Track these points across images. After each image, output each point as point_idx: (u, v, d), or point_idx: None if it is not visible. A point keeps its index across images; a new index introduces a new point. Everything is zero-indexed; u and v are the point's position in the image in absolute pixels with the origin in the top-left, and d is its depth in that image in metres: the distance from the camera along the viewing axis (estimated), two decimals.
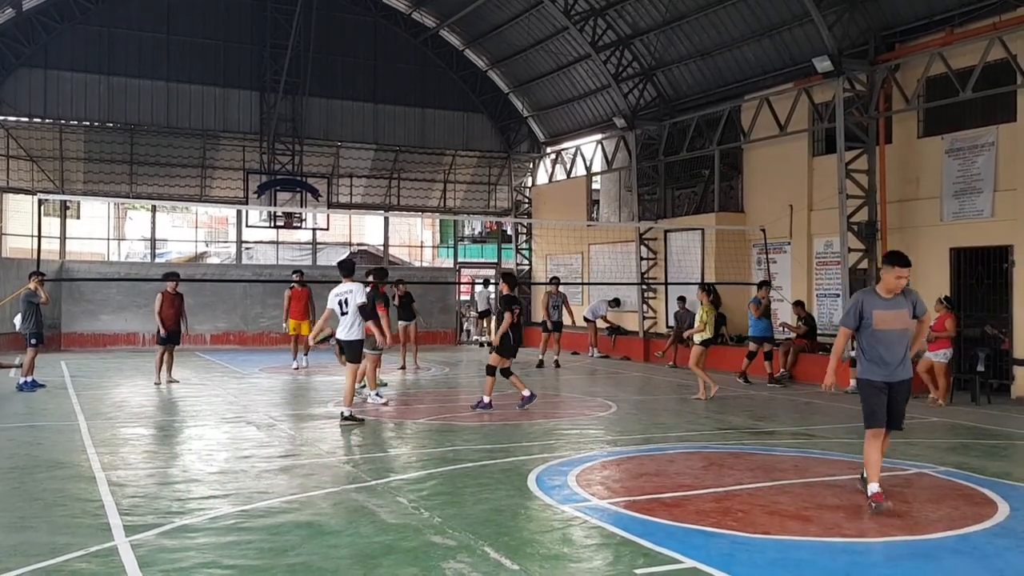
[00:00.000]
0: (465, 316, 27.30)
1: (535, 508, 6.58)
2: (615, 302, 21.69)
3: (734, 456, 8.69)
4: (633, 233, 21.56)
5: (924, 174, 15.25)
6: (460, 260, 30.19)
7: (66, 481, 7.35)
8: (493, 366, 11.89)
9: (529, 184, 27.63)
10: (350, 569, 5.08)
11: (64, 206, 23.96)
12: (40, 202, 17.77)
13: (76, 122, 22.54)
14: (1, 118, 21.72)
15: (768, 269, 17.85)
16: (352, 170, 25.43)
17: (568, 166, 25.53)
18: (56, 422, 10.65)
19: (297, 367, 17.26)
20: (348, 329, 10.79)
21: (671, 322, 19.61)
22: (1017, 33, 13.43)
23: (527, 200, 27.58)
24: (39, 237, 16.16)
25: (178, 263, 27.73)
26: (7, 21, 21.29)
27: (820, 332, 16.73)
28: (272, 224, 24.30)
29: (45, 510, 6.37)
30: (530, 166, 27.59)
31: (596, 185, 25.08)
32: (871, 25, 15.73)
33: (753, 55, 18.66)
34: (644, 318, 21.37)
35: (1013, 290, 13.79)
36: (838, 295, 16.51)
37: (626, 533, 5.80)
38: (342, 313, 10.78)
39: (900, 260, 6.47)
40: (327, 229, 26.78)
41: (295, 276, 17.94)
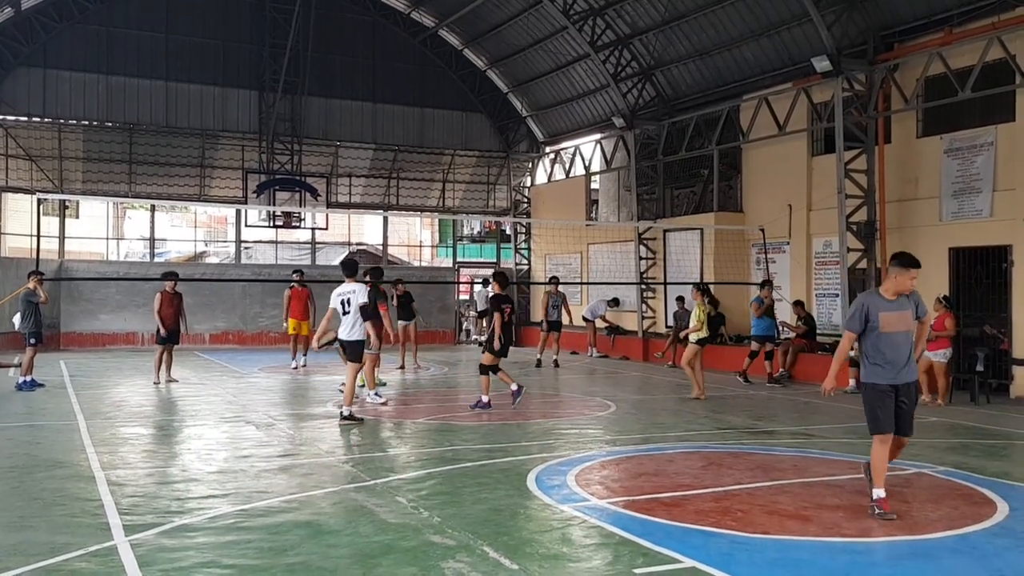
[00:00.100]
0: (464, 316, 27.29)
1: (534, 508, 6.58)
2: (614, 302, 21.69)
3: (733, 456, 8.70)
4: (632, 233, 21.57)
5: (923, 174, 15.26)
6: (459, 260, 30.18)
7: (65, 480, 7.35)
8: (487, 365, 11.92)
9: (528, 184, 27.62)
10: (349, 568, 5.08)
11: (63, 205, 23.96)
12: (39, 201, 17.74)
13: (75, 121, 22.54)
14: (0, 117, 21.72)
15: (767, 269, 17.84)
16: (351, 170, 25.43)
17: (567, 166, 25.52)
18: (55, 421, 10.65)
19: (296, 367, 17.26)
20: (350, 329, 10.80)
21: (670, 322, 19.61)
22: (1016, 33, 13.44)
23: (526, 200, 27.57)
24: (38, 236, 16.17)
25: (177, 263, 27.71)
26: (6, 20, 21.27)
27: (820, 332, 16.76)
28: (271, 224, 24.30)
29: (44, 509, 6.37)
30: (529, 166, 27.58)
31: (595, 185, 25.08)
32: (870, 25, 15.73)
33: (752, 55, 18.66)
34: (643, 318, 21.38)
35: (1012, 290, 13.80)
36: (837, 295, 16.51)
37: (625, 533, 5.80)
38: (344, 313, 10.79)
39: (914, 262, 6.43)
40: (326, 229, 26.82)
41: (295, 276, 17.95)
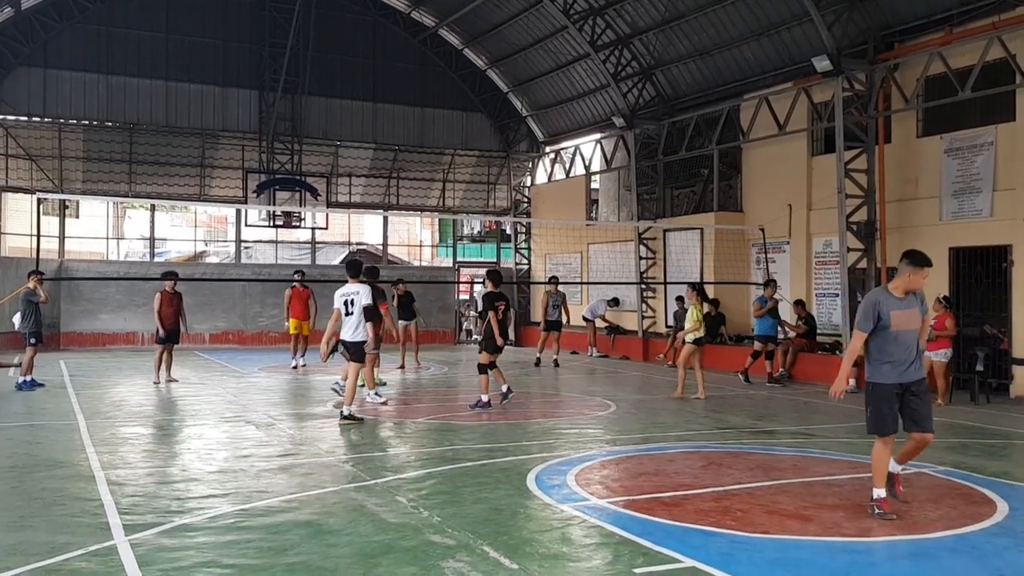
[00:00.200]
0: (464, 316, 27.29)
1: (534, 507, 6.58)
2: (614, 301, 21.69)
3: (733, 455, 8.70)
4: (632, 232, 21.56)
5: (923, 174, 15.25)
6: (459, 259, 30.17)
7: (65, 480, 7.34)
8: (485, 364, 11.93)
9: (528, 183, 27.62)
10: (349, 568, 5.08)
11: (63, 205, 23.96)
12: (39, 201, 17.75)
13: (75, 121, 22.54)
14: (0, 117, 21.71)
15: (767, 269, 17.84)
16: (351, 169, 25.43)
17: (567, 165, 25.52)
18: (55, 421, 10.64)
19: (296, 366, 17.26)
20: (353, 330, 10.82)
21: (670, 322, 19.61)
22: (1016, 33, 13.44)
23: (526, 199, 27.57)
24: (38, 236, 16.16)
25: (177, 262, 27.71)
26: (6, 20, 21.27)
27: (820, 332, 16.75)
28: (271, 223, 24.30)
29: (44, 509, 6.37)
30: (529, 165, 27.57)
31: (595, 184, 25.07)
32: (870, 24, 15.73)
33: (752, 54, 18.66)
34: (643, 318, 21.38)
35: (1012, 290, 13.80)
36: (837, 295, 16.51)
37: (625, 532, 5.80)
38: (347, 314, 10.81)
39: (927, 260, 6.39)
40: (326, 228, 26.82)
41: (297, 276, 17.95)
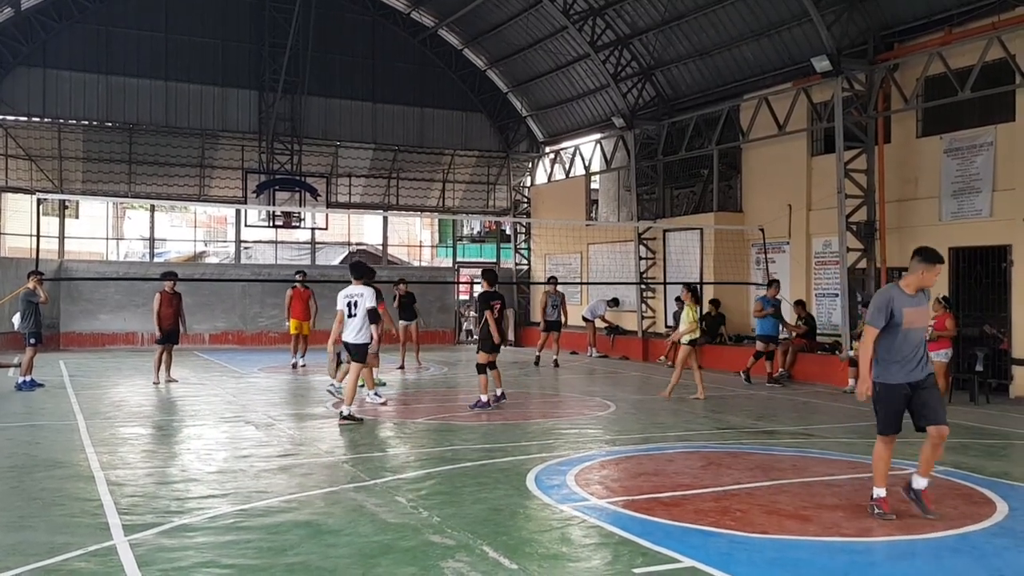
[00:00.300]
0: (464, 316, 27.29)
1: (534, 507, 6.58)
2: (614, 302, 21.68)
3: (733, 456, 8.70)
4: (632, 233, 21.56)
5: (923, 174, 15.25)
6: (459, 260, 30.18)
7: (65, 480, 7.34)
8: (483, 364, 11.93)
9: (528, 184, 27.62)
10: (349, 568, 5.08)
11: (63, 205, 23.96)
12: (39, 201, 17.72)
13: (75, 121, 22.53)
14: (0, 117, 21.70)
15: (767, 269, 17.85)
16: (351, 169, 25.43)
17: (567, 166, 25.52)
18: (55, 421, 10.64)
19: (296, 365, 17.26)
20: (356, 332, 10.84)
21: (670, 322, 19.60)
22: (1016, 33, 13.44)
23: (526, 200, 27.57)
24: (38, 236, 16.14)
25: (177, 263, 27.73)
26: (6, 20, 21.26)
27: (819, 332, 16.75)
28: (271, 224, 24.29)
29: (44, 509, 6.37)
30: (529, 165, 27.57)
31: (595, 185, 25.08)
32: (870, 25, 15.73)
33: (752, 55, 18.66)
34: (643, 318, 21.38)
35: (1011, 290, 13.80)
36: (837, 295, 16.51)
37: (624, 532, 5.80)
38: (350, 315, 10.82)
39: (939, 257, 6.36)
40: (326, 229, 26.79)
41: (298, 276, 17.93)
